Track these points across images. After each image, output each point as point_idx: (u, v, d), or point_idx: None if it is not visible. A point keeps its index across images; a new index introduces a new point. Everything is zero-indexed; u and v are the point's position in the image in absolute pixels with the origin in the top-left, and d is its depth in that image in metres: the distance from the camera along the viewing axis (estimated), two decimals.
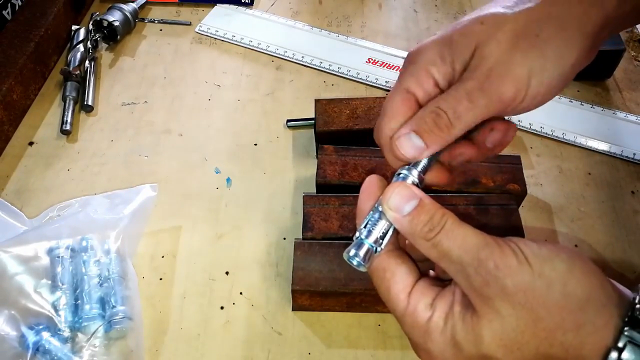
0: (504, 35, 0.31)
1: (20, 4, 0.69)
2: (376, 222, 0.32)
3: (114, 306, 0.46)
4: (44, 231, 0.50)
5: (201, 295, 0.50)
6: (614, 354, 0.27)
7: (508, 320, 0.28)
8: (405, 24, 0.76)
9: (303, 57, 0.70)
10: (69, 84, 0.64)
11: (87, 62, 0.67)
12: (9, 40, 0.64)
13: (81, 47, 0.68)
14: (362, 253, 0.31)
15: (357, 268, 0.32)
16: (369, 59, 0.70)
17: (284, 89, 0.67)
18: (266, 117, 0.64)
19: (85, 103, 0.64)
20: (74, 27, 0.71)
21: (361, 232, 0.32)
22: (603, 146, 0.61)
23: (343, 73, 0.69)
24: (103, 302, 0.47)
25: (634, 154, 0.60)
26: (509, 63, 0.30)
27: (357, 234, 0.32)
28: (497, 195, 0.51)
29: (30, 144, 0.61)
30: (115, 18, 0.70)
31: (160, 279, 0.51)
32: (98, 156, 0.60)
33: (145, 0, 0.76)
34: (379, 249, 0.32)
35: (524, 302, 0.28)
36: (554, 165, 0.60)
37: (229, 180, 0.58)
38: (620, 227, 0.55)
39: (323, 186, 0.53)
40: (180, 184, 0.58)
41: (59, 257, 0.48)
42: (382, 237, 0.32)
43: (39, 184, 0.57)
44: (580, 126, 0.63)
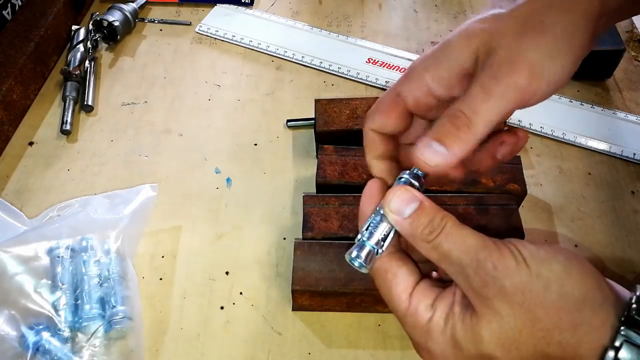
0: (509, 27, 0.31)
1: (20, 4, 0.69)
2: (378, 225, 0.32)
3: (114, 306, 0.46)
4: (44, 231, 0.50)
5: (201, 295, 0.50)
6: (611, 353, 0.27)
7: (506, 320, 0.28)
8: (405, 24, 0.76)
9: (303, 57, 0.70)
10: (69, 84, 0.64)
11: (87, 62, 0.67)
12: (9, 40, 0.64)
13: (81, 47, 0.68)
14: (364, 255, 0.32)
15: (359, 269, 0.32)
16: (369, 59, 0.70)
17: (284, 89, 0.67)
18: (266, 117, 0.64)
19: (85, 103, 0.64)
20: (74, 27, 0.71)
21: (363, 235, 0.32)
22: (603, 146, 0.61)
23: (343, 73, 0.69)
24: (103, 302, 0.47)
25: (634, 154, 0.60)
26: (519, 49, 0.30)
27: (359, 236, 0.32)
28: (497, 195, 0.51)
29: (30, 144, 0.61)
30: (115, 18, 0.70)
31: (160, 279, 0.51)
32: (98, 156, 0.60)
33: (145, 0, 0.76)
34: (380, 251, 0.32)
35: (522, 302, 0.28)
36: (554, 165, 0.60)
37: (229, 180, 0.58)
38: (620, 227, 0.55)
39: (323, 186, 0.53)
40: (180, 184, 0.58)
41: (59, 257, 0.48)
42: (384, 239, 0.32)
43: (39, 184, 0.58)
44: (580, 126, 0.63)
